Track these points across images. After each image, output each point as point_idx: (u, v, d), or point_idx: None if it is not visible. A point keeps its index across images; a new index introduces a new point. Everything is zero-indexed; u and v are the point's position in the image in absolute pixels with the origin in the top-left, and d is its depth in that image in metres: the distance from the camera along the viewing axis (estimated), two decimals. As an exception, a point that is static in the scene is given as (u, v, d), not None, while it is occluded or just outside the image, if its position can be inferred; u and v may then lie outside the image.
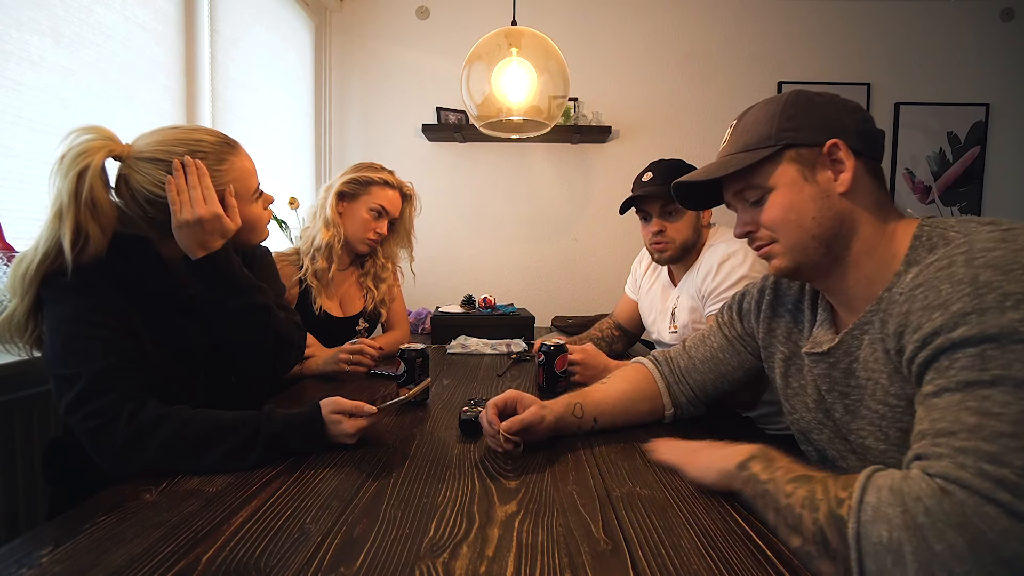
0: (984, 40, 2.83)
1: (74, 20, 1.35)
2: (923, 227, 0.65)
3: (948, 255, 0.56)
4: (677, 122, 2.86)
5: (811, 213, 0.69)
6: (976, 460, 0.45)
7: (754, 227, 0.74)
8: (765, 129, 0.71)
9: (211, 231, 0.86)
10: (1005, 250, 0.52)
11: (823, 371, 0.75)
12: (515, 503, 0.68)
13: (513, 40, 1.63)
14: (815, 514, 0.53)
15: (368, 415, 0.84)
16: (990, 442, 0.46)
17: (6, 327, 0.81)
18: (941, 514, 0.44)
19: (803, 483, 0.57)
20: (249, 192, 0.94)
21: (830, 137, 0.68)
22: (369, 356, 1.33)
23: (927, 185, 2.88)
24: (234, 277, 0.90)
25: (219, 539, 0.58)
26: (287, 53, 2.49)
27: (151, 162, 0.84)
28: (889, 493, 0.48)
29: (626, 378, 1.00)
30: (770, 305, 0.87)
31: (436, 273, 2.84)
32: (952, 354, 0.52)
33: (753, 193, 0.73)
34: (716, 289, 1.30)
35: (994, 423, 0.46)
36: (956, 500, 0.44)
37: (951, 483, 0.46)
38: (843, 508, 0.51)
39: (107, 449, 0.75)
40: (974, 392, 0.49)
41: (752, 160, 0.70)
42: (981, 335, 0.49)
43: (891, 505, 0.47)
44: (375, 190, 1.52)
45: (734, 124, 0.77)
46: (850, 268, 0.70)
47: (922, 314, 0.55)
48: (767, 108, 0.73)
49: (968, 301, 0.51)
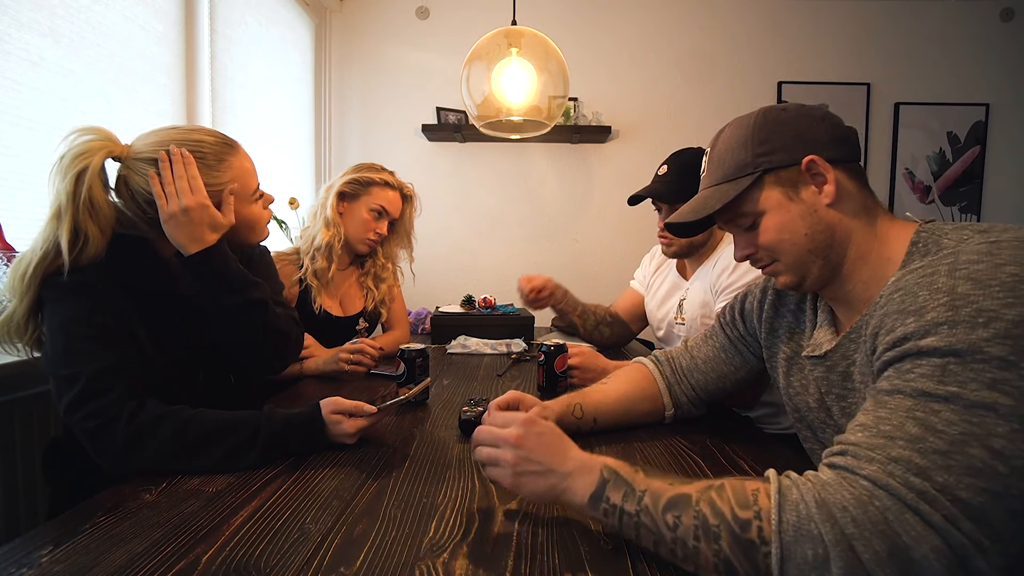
0: (984, 40, 2.83)
1: (74, 20, 1.35)
2: (920, 233, 0.65)
3: (934, 263, 0.56)
4: (677, 122, 2.86)
5: (803, 230, 0.69)
6: (905, 471, 0.47)
7: (753, 250, 0.75)
8: (740, 157, 0.72)
9: (199, 222, 0.85)
10: (988, 264, 0.52)
11: (822, 374, 0.75)
12: (515, 503, 0.68)
13: (513, 40, 1.63)
14: (715, 544, 0.49)
15: (368, 415, 0.84)
16: (923, 456, 0.47)
17: (5, 328, 0.81)
18: (867, 522, 0.45)
19: (682, 508, 0.52)
20: (249, 192, 0.94)
21: (805, 153, 0.68)
22: (369, 356, 1.33)
23: (927, 185, 2.88)
24: (230, 273, 0.89)
25: (219, 539, 0.58)
26: (287, 53, 2.49)
27: (149, 162, 0.85)
28: (815, 507, 0.47)
29: (626, 378, 1.00)
30: (772, 305, 0.87)
31: (436, 273, 2.84)
32: (916, 359, 0.52)
33: (744, 220, 0.74)
34: (731, 285, 1.30)
35: (933, 440, 0.47)
36: (880, 506, 0.46)
37: (878, 488, 0.47)
38: (751, 531, 0.49)
39: (107, 449, 0.75)
40: (925, 403, 0.49)
41: (735, 192, 0.71)
42: (948, 348, 0.50)
43: (817, 521, 0.47)
44: (375, 190, 1.52)
45: (708, 152, 0.78)
46: (848, 274, 0.70)
47: (896, 317, 0.56)
48: (738, 133, 0.73)
49: (942, 311, 0.51)
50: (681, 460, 0.83)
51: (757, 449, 0.88)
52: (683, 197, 0.83)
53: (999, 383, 0.47)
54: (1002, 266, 0.51)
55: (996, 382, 0.47)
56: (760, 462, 0.82)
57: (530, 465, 0.61)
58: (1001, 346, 0.48)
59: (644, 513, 0.54)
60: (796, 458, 0.85)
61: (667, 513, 0.53)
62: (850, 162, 0.70)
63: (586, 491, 0.58)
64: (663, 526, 0.52)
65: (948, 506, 0.45)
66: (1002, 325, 0.48)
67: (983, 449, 0.46)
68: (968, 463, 0.46)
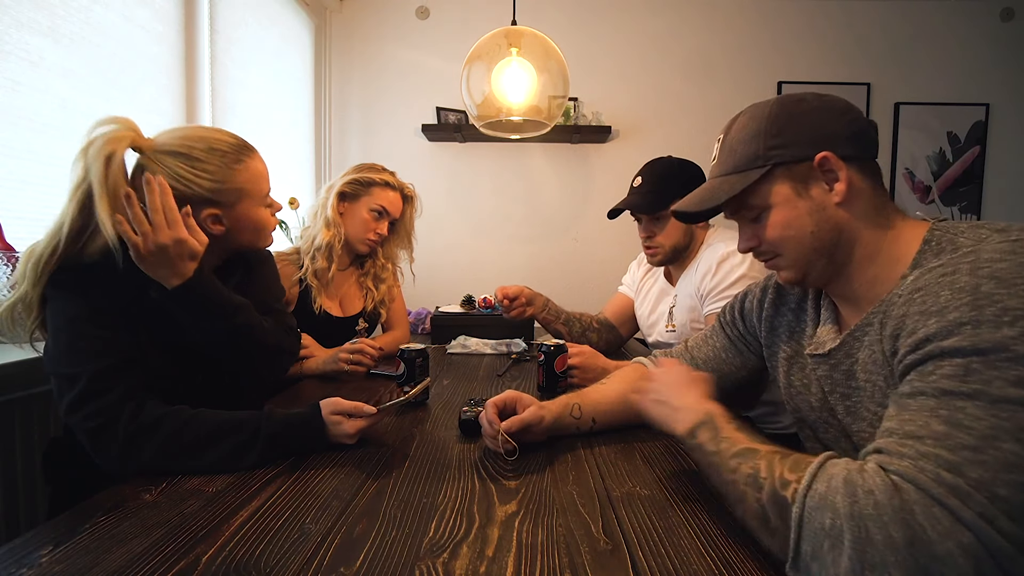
0: (984, 40, 2.83)
1: (74, 20, 1.35)
2: (934, 231, 0.63)
3: (954, 262, 0.55)
4: (677, 122, 2.86)
5: (809, 228, 0.68)
6: (936, 466, 0.46)
7: (757, 242, 0.74)
8: (752, 148, 0.70)
9: (178, 256, 0.82)
10: (1011, 263, 0.51)
11: (825, 372, 0.75)
12: (515, 503, 0.68)
13: (513, 40, 1.63)
14: (758, 493, 0.55)
15: (368, 415, 0.84)
16: (953, 452, 0.46)
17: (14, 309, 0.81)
18: (889, 509, 0.45)
19: (747, 458, 0.59)
20: (261, 195, 0.95)
21: (819, 150, 0.67)
22: (369, 356, 1.33)
23: (927, 185, 2.88)
24: (213, 302, 0.87)
25: (219, 539, 0.58)
26: (287, 53, 2.49)
27: (173, 155, 0.85)
28: (842, 483, 0.48)
29: (625, 379, 1.00)
30: (772, 304, 0.87)
31: (436, 273, 2.84)
32: (939, 361, 0.51)
33: (750, 212, 0.73)
34: (715, 288, 1.30)
35: (961, 435, 0.47)
36: (907, 499, 0.45)
37: (907, 482, 0.47)
38: (788, 490, 0.52)
39: (107, 449, 0.75)
40: (949, 401, 0.49)
41: (744, 184, 0.70)
42: (972, 347, 0.49)
43: (841, 495, 0.48)
44: (376, 191, 1.52)
45: (721, 139, 0.76)
46: (854, 273, 0.69)
47: (918, 319, 0.55)
48: (752, 123, 0.72)
49: (966, 311, 0.51)
50: (681, 460, 0.83)
51: (757, 449, 0.88)
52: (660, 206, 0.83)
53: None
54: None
55: (1022, 379, 0.46)
56: (760, 462, 0.82)
57: (655, 393, 0.78)
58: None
59: (719, 455, 0.62)
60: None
61: (735, 458, 0.60)
62: (865, 159, 0.69)
63: (685, 424, 0.69)
64: (727, 469, 0.60)
65: (984, 503, 0.43)
66: None
67: (1016, 443, 0.45)
68: (1003, 458, 0.45)
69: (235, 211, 0.91)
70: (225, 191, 0.88)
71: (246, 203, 0.92)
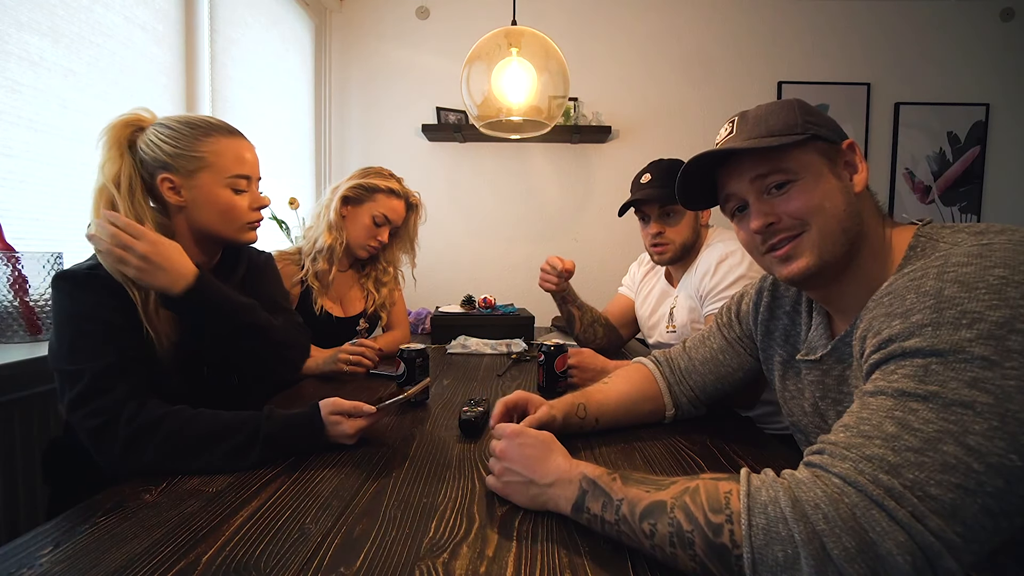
0: (984, 40, 2.83)
1: (74, 20, 1.35)
2: (919, 236, 0.64)
3: (924, 267, 0.56)
4: (677, 122, 2.86)
5: (842, 205, 0.67)
6: (875, 468, 0.47)
7: (776, 218, 0.69)
8: (789, 118, 0.68)
9: (167, 257, 0.82)
10: (976, 267, 0.52)
11: (816, 378, 0.75)
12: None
13: (513, 40, 1.63)
14: (691, 551, 0.51)
15: (367, 415, 0.84)
16: (897, 454, 0.47)
17: None
18: (838, 519, 0.46)
19: (658, 515, 0.54)
20: (225, 172, 0.93)
21: (843, 139, 0.68)
22: (369, 356, 1.33)
23: (927, 185, 2.88)
24: (221, 303, 0.87)
25: (219, 539, 0.58)
26: (287, 53, 2.49)
27: (163, 126, 0.91)
28: (788, 507, 0.48)
29: (627, 379, 1.00)
30: (768, 307, 0.87)
31: (436, 273, 2.84)
32: (900, 361, 0.52)
33: (777, 177, 0.68)
34: (714, 289, 1.30)
35: (908, 438, 0.48)
36: (848, 502, 0.46)
37: (848, 485, 0.47)
38: (723, 536, 0.49)
39: (108, 448, 0.75)
40: (904, 403, 0.50)
41: (783, 142, 0.66)
42: (931, 348, 0.50)
43: (789, 521, 0.47)
44: (380, 198, 1.52)
45: (736, 119, 0.73)
46: (854, 273, 0.69)
47: (884, 320, 0.56)
48: (779, 104, 0.71)
49: (928, 314, 0.52)
50: (681, 460, 0.83)
51: (757, 449, 0.88)
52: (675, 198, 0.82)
53: (980, 381, 0.47)
54: (990, 268, 0.51)
55: (977, 380, 0.47)
56: (760, 462, 0.82)
57: (513, 476, 0.67)
58: (984, 346, 0.48)
59: (623, 522, 0.56)
60: (796, 458, 0.84)
61: (643, 522, 0.55)
62: None
63: (568, 502, 0.61)
64: (641, 535, 0.55)
65: (915, 503, 0.45)
66: (986, 326, 0.48)
67: (958, 446, 0.46)
68: (941, 460, 0.46)
69: (193, 181, 0.91)
70: (183, 157, 0.90)
71: (205, 176, 0.91)
